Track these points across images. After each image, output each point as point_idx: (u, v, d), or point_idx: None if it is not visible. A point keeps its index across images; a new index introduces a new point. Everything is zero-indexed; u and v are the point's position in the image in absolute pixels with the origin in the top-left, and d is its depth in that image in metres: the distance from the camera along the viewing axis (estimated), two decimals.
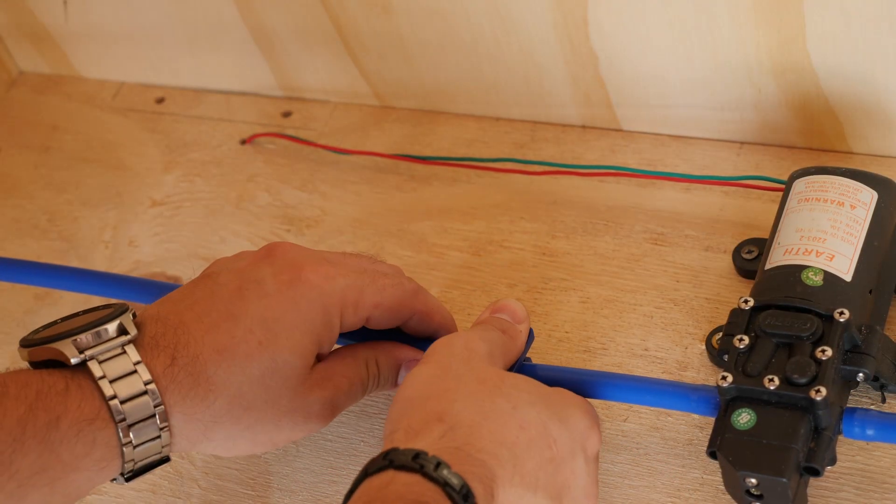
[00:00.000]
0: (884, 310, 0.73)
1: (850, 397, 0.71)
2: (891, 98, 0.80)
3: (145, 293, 0.81)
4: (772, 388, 0.67)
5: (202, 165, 0.96)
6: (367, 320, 0.71)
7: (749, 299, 0.71)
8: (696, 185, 0.85)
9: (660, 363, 0.77)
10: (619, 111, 0.89)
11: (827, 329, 0.68)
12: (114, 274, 0.89)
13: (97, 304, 0.86)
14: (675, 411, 0.74)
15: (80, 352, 0.65)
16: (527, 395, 0.65)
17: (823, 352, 0.67)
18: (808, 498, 0.69)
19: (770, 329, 0.69)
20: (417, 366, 0.67)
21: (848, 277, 0.71)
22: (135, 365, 0.65)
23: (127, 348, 0.65)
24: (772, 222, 0.76)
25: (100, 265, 0.92)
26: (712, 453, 0.67)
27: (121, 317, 0.66)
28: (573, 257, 0.84)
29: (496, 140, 0.92)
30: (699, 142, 0.88)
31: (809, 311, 0.69)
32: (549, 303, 0.81)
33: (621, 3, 0.81)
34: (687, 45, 0.82)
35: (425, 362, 0.67)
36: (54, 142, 1.02)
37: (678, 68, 0.84)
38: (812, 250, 0.72)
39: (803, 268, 0.71)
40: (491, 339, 0.69)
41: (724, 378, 0.68)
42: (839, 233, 0.72)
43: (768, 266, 0.73)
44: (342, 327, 0.70)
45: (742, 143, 0.87)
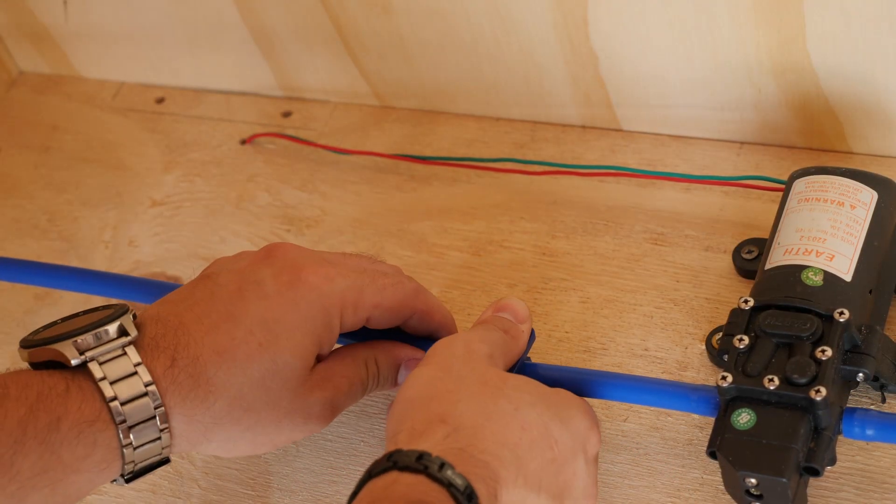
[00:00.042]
0: (884, 310, 0.73)
1: (850, 397, 0.71)
2: (891, 98, 0.80)
3: (145, 293, 0.81)
4: (772, 388, 0.67)
5: (202, 165, 0.96)
6: (367, 320, 0.71)
7: (749, 299, 0.71)
8: (696, 185, 0.85)
9: (660, 363, 0.77)
10: (619, 111, 0.89)
11: (827, 329, 0.68)
12: (114, 274, 0.89)
13: (97, 304, 0.86)
14: (675, 411, 0.74)
15: (80, 353, 0.65)
16: (528, 397, 0.65)
17: (823, 352, 0.67)
18: (808, 498, 0.69)
19: (770, 329, 0.69)
20: (418, 367, 0.67)
21: (848, 277, 0.71)
22: (135, 366, 0.65)
23: (127, 349, 0.65)
24: (772, 222, 0.76)
25: (100, 265, 0.92)
26: (712, 453, 0.67)
27: (121, 318, 0.66)
28: (573, 257, 0.84)
29: (496, 140, 0.92)
30: (699, 142, 0.88)
31: (809, 311, 0.69)
32: (549, 303, 0.81)
33: (621, 3, 0.81)
34: (687, 45, 0.82)
35: (426, 363, 0.67)
36: (54, 142, 1.02)
37: (678, 68, 0.84)
38: (812, 250, 0.72)
39: (803, 268, 0.71)
40: (492, 339, 0.69)
41: (724, 378, 0.68)
42: (839, 233, 0.72)
43: (768, 266, 0.73)
44: (342, 328, 0.70)
45: (742, 143, 0.87)
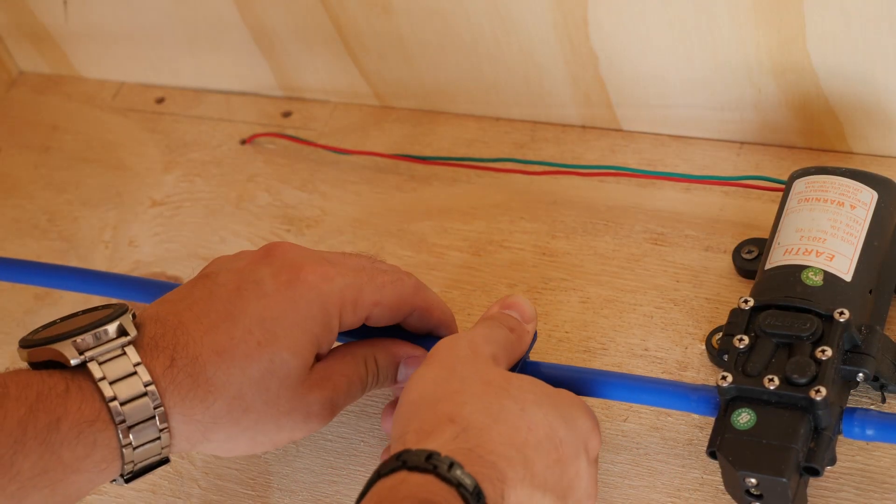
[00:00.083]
0: (884, 310, 0.73)
1: (850, 397, 0.71)
2: (891, 98, 0.80)
3: (145, 293, 0.81)
4: (772, 388, 0.66)
5: (202, 165, 0.96)
6: (366, 318, 0.71)
7: (749, 299, 0.71)
8: (696, 185, 0.85)
9: (660, 363, 0.77)
10: (619, 111, 0.89)
11: (827, 329, 0.68)
12: (114, 274, 0.89)
13: (97, 304, 0.86)
14: (675, 411, 0.74)
15: (79, 353, 0.65)
16: (533, 397, 0.65)
17: (823, 352, 0.67)
18: (807, 498, 0.69)
19: (770, 329, 0.69)
20: (422, 367, 0.67)
21: (848, 277, 0.71)
22: (135, 366, 0.65)
23: (127, 349, 0.65)
24: (772, 222, 0.76)
25: (100, 265, 0.92)
26: (712, 453, 0.67)
27: (120, 318, 0.66)
28: (573, 257, 0.84)
29: (496, 140, 0.92)
30: (699, 142, 0.88)
31: (809, 311, 0.69)
32: (549, 303, 0.81)
33: (621, 3, 0.81)
34: (687, 45, 0.82)
35: (430, 364, 0.67)
36: (54, 142, 1.02)
37: (678, 68, 0.84)
38: (812, 250, 0.72)
39: (803, 268, 0.71)
40: (496, 339, 0.69)
41: (724, 378, 0.68)
42: (839, 233, 0.72)
43: (768, 266, 0.73)
44: (341, 327, 0.70)
45: (742, 143, 0.87)
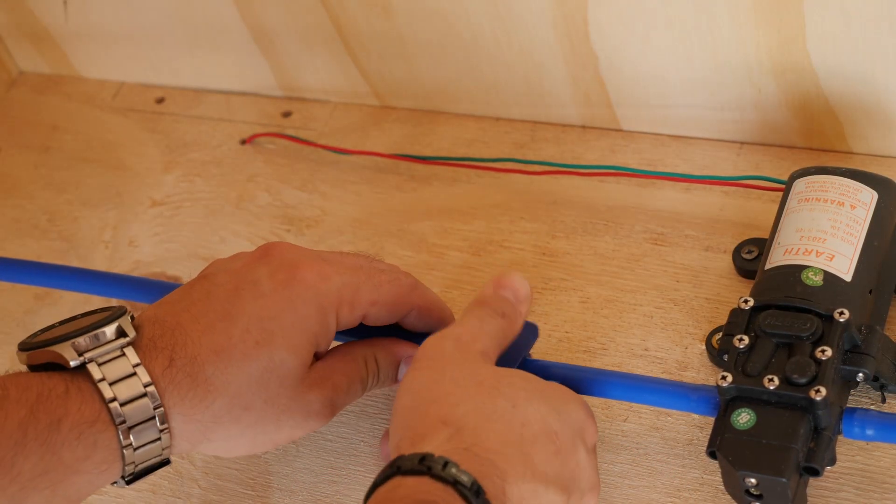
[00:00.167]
0: (884, 310, 0.73)
1: (850, 397, 0.71)
2: (891, 98, 0.80)
3: (145, 293, 0.81)
4: (771, 388, 0.66)
5: (202, 165, 0.96)
6: (364, 317, 0.71)
7: (749, 299, 0.71)
8: (696, 185, 0.85)
9: (660, 363, 0.77)
10: (619, 111, 0.89)
11: (827, 329, 0.68)
12: (114, 274, 0.89)
13: (97, 304, 0.87)
14: (675, 411, 0.74)
15: (79, 354, 0.65)
16: (524, 393, 0.65)
17: (823, 352, 0.67)
18: (807, 498, 0.69)
19: (770, 329, 0.69)
20: (411, 371, 0.66)
21: (848, 277, 0.71)
22: (134, 367, 0.65)
23: (126, 350, 0.65)
24: (772, 222, 0.76)
25: (100, 265, 0.92)
26: (712, 453, 0.67)
27: (119, 319, 0.66)
28: (573, 257, 0.84)
29: (496, 140, 0.92)
30: (699, 142, 0.88)
31: (809, 311, 0.69)
32: (549, 303, 0.81)
33: (621, 3, 0.81)
34: (687, 45, 0.82)
35: (418, 367, 0.66)
36: (54, 142, 1.02)
37: (678, 68, 0.84)
38: (812, 250, 0.72)
39: (803, 268, 0.71)
40: (485, 331, 0.68)
41: (723, 378, 0.68)
42: (839, 233, 0.72)
43: (768, 266, 0.73)
44: (339, 325, 0.70)
45: (742, 143, 0.87)
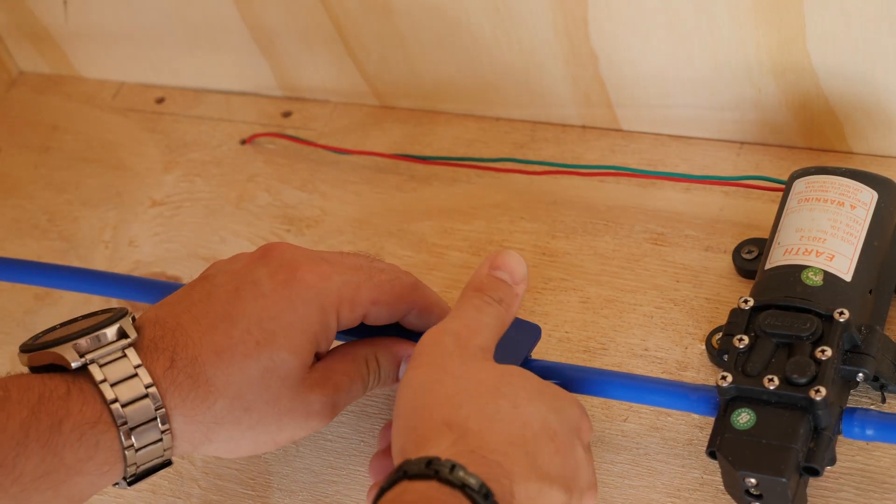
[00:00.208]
0: (884, 310, 0.73)
1: (850, 397, 0.71)
2: (891, 98, 0.80)
3: (145, 293, 0.81)
4: (771, 387, 0.67)
5: (202, 165, 0.96)
6: (364, 317, 0.71)
7: (749, 299, 0.71)
8: (696, 185, 0.85)
9: (660, 363, 0.77)
10: (619, 111, 0.89)
11: (827, 329, 0.68)
12: (114, 274, 0.89)
13: (97, 304, 0.87)
14: (675, 411, 0.74)
15: (80, 356, 0.65)
16: (524, 392, 0.64)
17: (823, 352, 0.67)
18: (807, 498, 0.69)
19: (770, 329, 0.69)
20: (411, 370, 0.65)
21: (848, 277, 0.71)
22: (135, 368, 0.65)
23: (127, 352, 0.65)
24: (772, 222, 0.76)
25: (100, 265, 0.92)
26: (712, 453, 0.67)
27: (120, 321, 0.66)
28: (573, 257, 0.84)
29: (496, 140, 0.92)
30: (699, 142, 0.88)
31: (809, 311, 0.69)
32: (549, 303, 0.81)
33: (621, 3, 0.81)
34: (687, 45, 0.82)
35: (419, 364, 0.65)
36: (54, 142, 1.02)
37: (678, 68, 0.84)
38: (812, 250, 0.72)
39: (803, 268, 0.71)
40: (484, 323, 0.67)
41: (723, 378, 0.68)
42: (839, 233, 0.72)
43: (768, 266, 0.73)
44: (339, 325, 0.70)
45: (742, 143, 0.87)
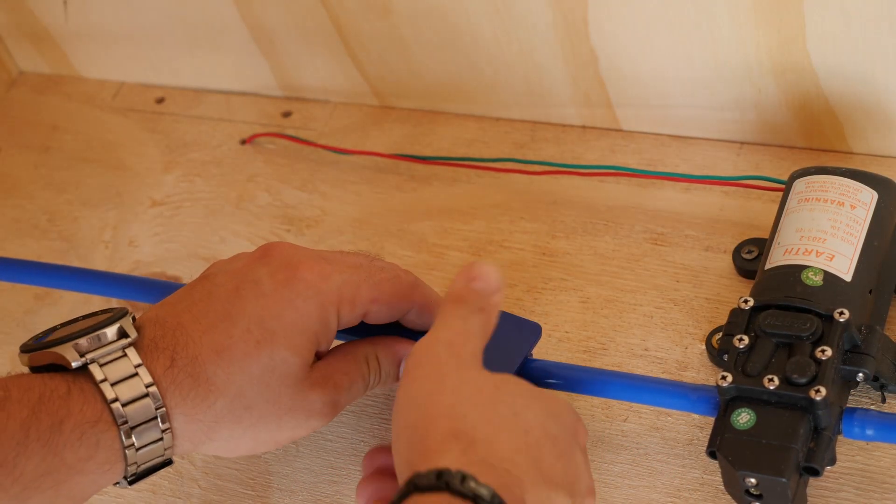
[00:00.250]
0: (884, 310, 0.73)
1: (850, 397, 0.71)
2: (891, 98, 0.80)
3: (146, 293, 0.81)
4: (771, 387, 0.67)
5: (202, 165, 0.96)
6: (365, 316, 0.71)
7: (749, 299, 0.71)
8: (696, 185, 0.85)
9: (660, 363, 0.77)
10: (619, 111, 0.89)
11: (827, 329, 0.69)
12: (114, 274, 0.89)
13: (97, 304, 0.87)
14: (675, 411, 0.74)
15: (80, 355, 0.65)
16: (522, 399, 0.64)
17: (823, 352, 0.67)
18: (807, 498, 0.69)
19: (770, 329, 0.69)
20: (407, 380, 0.64)
21: (848, 277, 0.71)
22: (135, 368, 0.65)
23: (127, 351, 0.65)
24: (772, 222, 0.76)
25: (100, 265, 0.92)
26: (712, 453, 0.67)
27: (120, 320, 0.66)
28: (573, 257, 0.84)
29: (496, 140, 0.92)
30: (699, 142, 0.88)
31: (809, 311, 0.69)
32: (549, 303, 0.81)
33: (621, 3, 0.81)
34: (687, 45, 0.82)
35: (415, 377, 0.64)
36: (54, 142, 1.02)
37: (678, 68, 0.84)
38: (812, 250, 0.72)
39: (803, 268, 0.71)
40: (472, 332, 0.66)
41: (723, 378, 0.68)
42: (839, 233, 0.72)
43: (768, 266, 0.73)
44: (340, 324, 0.70)
45: (742, 143, 0.87)
